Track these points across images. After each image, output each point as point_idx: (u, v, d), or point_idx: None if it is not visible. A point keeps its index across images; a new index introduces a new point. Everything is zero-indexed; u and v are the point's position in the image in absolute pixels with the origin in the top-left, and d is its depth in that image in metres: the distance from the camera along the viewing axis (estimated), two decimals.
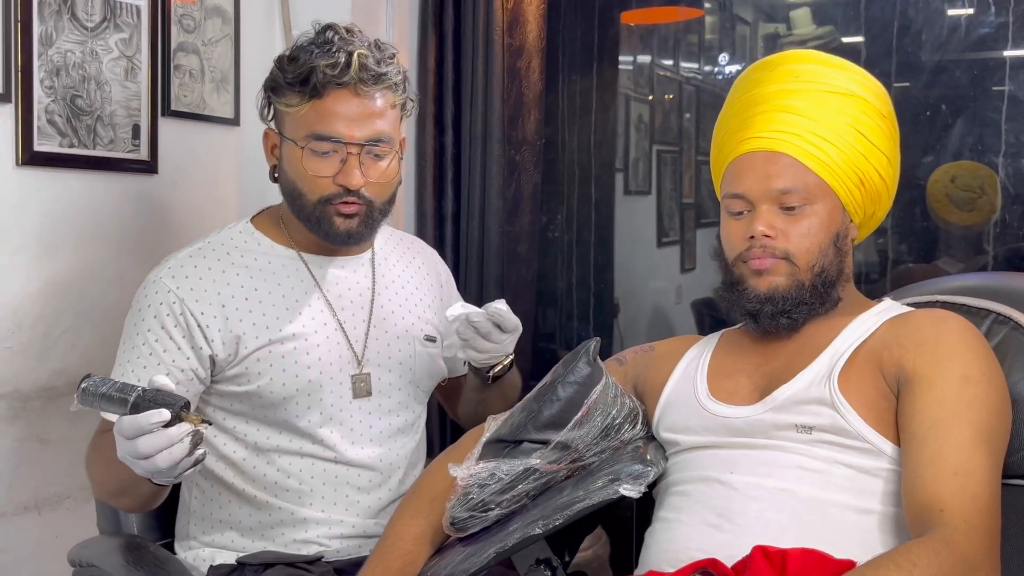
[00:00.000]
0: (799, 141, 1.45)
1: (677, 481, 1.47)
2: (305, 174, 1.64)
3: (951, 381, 1.32)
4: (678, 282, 3.34)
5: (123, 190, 2.16)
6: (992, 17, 2.34)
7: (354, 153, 1.62)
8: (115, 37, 2.11)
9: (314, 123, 1.62)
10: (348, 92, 1.61)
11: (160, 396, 1.32)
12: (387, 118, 1.65)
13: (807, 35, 3.08)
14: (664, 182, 3.22)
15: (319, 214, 1.66)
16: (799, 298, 1.45)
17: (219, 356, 1.65)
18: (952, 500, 1.22)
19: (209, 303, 1.65)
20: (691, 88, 3.29)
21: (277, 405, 1.67)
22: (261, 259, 1.73)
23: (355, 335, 1.73)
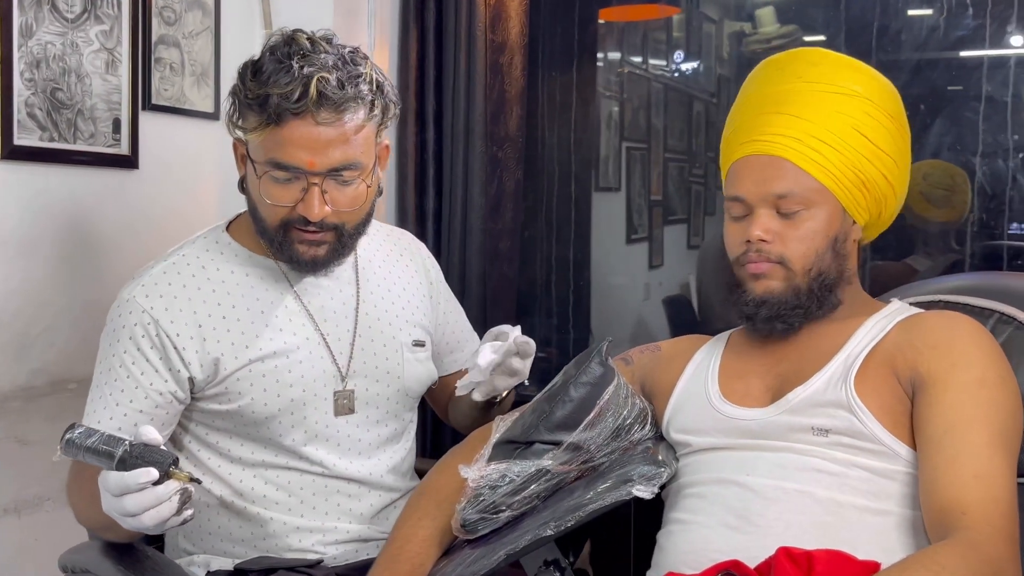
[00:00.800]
0: (798, 145, 1.45)
1: (692, 483, 1.47)
2: (262, 200, 1.54)
3: (966, 384, 1.33)
4: (646, 279, 3.36)
5: (104, 185, 2.11)
6: (970, 20, 2.38)
7: (316, 183, 1.51)
8: (96, 29, 2.07)
9: (272, 150, 1.50)
10: (307, 120, 1.47)
11: (148, 452, 1.27)
12: (354, 142, 1.51)
13: (771, 33, 3.11)
14: (633, 179, 3.23)
15: (281, 239, 1.57)
16: (794, 302, 1.46)
17: (198, 378, 1.58)
18: (974, 503, 1.23)
19: (185, 323, 1.57)
20: (659, 86, 3.31)
21: (260, 424, 1.61)
22: (238, 271, 1.64)
23: (339, 347, 1.67)
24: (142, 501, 1.26)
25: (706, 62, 3.33)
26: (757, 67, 1.61)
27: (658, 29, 3.29)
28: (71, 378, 2.08)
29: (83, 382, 2.09)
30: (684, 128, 3.36)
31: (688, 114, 3.40)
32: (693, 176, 3.37)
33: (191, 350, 1.57)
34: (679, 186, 3.41)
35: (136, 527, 1.30)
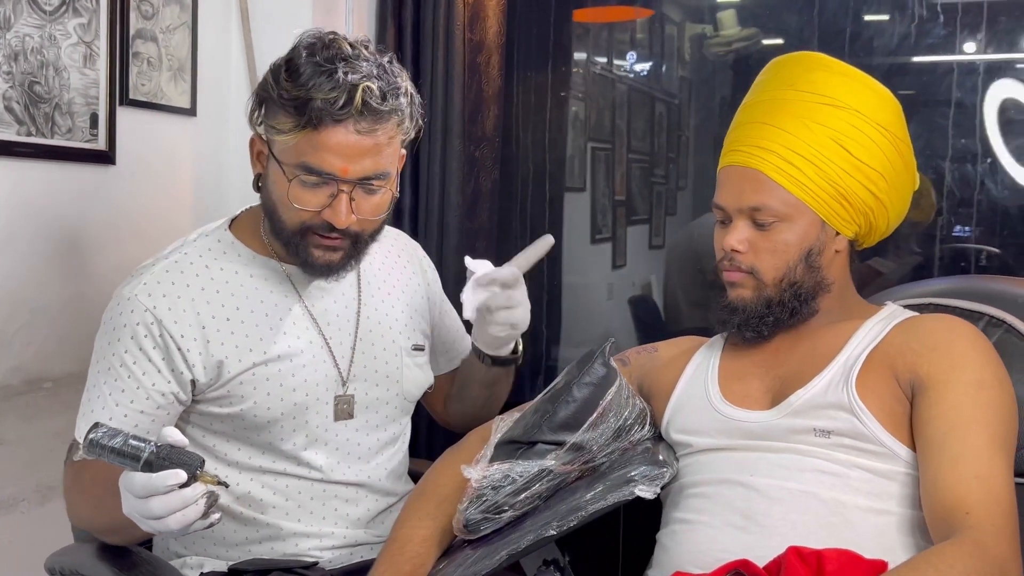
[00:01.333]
0: (774, 158, 1.47)
1: (694, 483, 1.49)
2: (287, 201, 1.51)
3: (965, 386, 1.35)
4: (610, 279, 3.39)
5: (80, 181, 2.08)
6: (940, 27, 2.43)
7: (345, 191, 1.49)
8: (74, 22, 2.03)
9: (305, 154, 1.48)
10: (347, 127, 1.46)
11: (175, 454, 1.25)
12: (386, 153, 1.52)
13: (732, 36, 3.15)
14: (598, 179, 3.25)
15: (297, 242, 1.55)
16: (763, 312, 1.50)
17: (200, 380, 1.56)
18: (976, 503, 1.26)
19: (189, 324, 1.55)
20: (623, 87, 3.34)
21: (261, 428, 1.60)
22: (242, 272, 1.62)
23: (341, 351, 1.66)
24: (169, 504, 1.24)
25: (668, 64, 3.36)
26: (766, 67, 1.61)
27: (623, 31, 3.32)
28: (47, 377, 2.05)
29: (59, 380, 2.06)
30: (647, 129, 3.39)
31: (651, 115, 3.43)
32: (655, 177, 3.41)
33: (195, 352, 1.55)
34: (641, 187, 3.44)
35: (159, 530, 1.27)
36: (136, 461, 1.24)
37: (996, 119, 2.47)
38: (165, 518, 1.25)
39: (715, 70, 3.20)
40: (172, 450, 1.25)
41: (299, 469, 1.63)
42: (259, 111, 1.55)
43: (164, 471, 1.23)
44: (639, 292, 3.41)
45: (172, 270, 1.59)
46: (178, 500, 1.24)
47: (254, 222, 1.67)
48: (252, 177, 2.37)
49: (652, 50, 3.37)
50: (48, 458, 2.03)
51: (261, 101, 1.54)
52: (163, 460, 1.24)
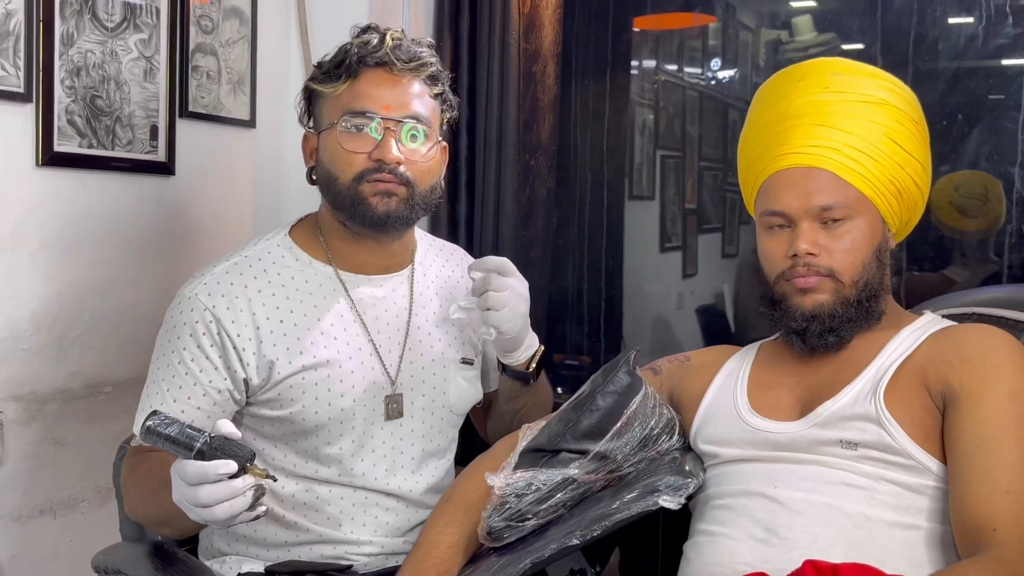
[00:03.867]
0: (837, 156, 1.44)
1: (719, 494, 1.47)
2: (340, 151, 1.61)
3: (999, 398, 1.31)
4: (680, 288, 3.35)
5: (140, 192, 2.14)
6: (1009, 28, 2.36)
7: (391, 128, 1.60)
8: (134, 37, 2.10)
9: (349, 101, 1.61)
10: (382, 71, 1.61)
11: (227, 445, 1.28)
12: (424, 102, 1.64)
13: (809, 41, 3.10)
14: (667, 187, 3.23)
15: (354, 195, 1.61)
16: (845, 315, 1.45)
17: (253, 381, 1.60)
18: (1005, 520, 1.22)
19: (245, 324, 1.60)
20: (694, 94, 3.30)
21: (310, 432, 1.63)
22: (298, 277, 1.67)
23: (389, 359, 1.69)
24: (218, 493, 1.27)
25: (742, 70, 3.32)
26: (769, 81, 1.60)
27: (694, 37, 3.29)
28: (107, 381, 2.11)
29: (119, 385, 2.13)
30: (719, 136, 3.35)
31: (723, 122, 3.38)
32: (728, 185, 3.36)
33: (249, 351, 1.59)
34: (713, 194, 3.40)
35: (207, 518, 1.30)
36: (189, 450, 1.27)
37: None
38: (212, 507, 1.28)
39: None
40: (225, 441, 1.28)
41: (342, 477, 1.66)
42: (308, 107, 1.70)
43: (216, 460, 1.27)
44: (715, 302, 3.38)
45: (232, 271, 1.65)
46: (227, 490, 1.27)
47: (312, 229, 1.73)
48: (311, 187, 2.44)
49: (726, 56, 3.34)
50: (107, 461, 2.08)
51: (308, 94, 1.70)
52: (215, 450, 1.27)
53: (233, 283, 1.63)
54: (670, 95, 3.19)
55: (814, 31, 3.10)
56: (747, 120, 1.60)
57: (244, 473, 1.28)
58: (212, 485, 1.27)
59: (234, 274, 1.64)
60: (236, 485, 1.28)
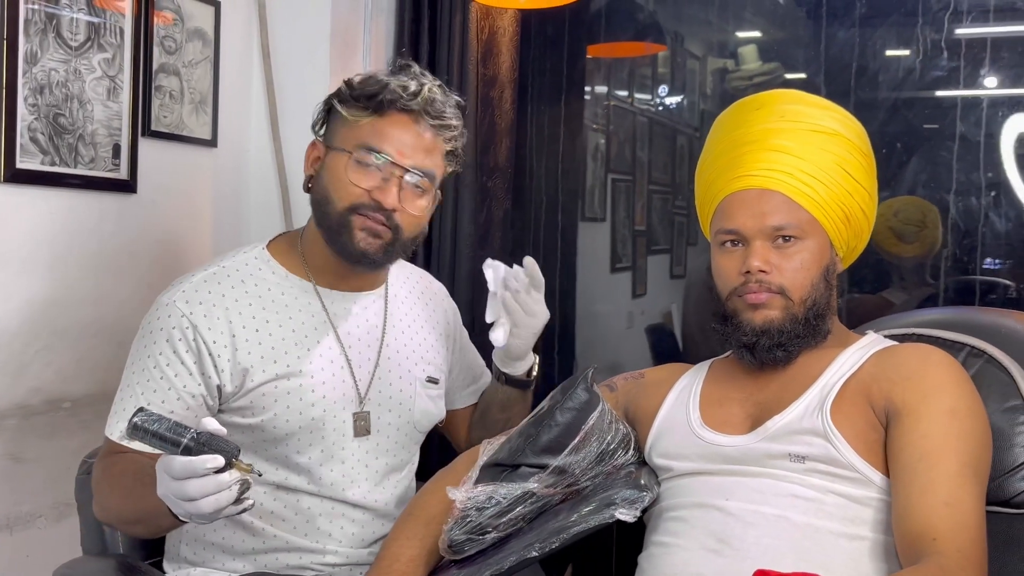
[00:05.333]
0: (790, 179, 1.52)
1: (673, 507, 1.52)
2: (344, 179, 1.64)
3: (938, 415, 1.38)
4: (630, 307, 3.43)
5: (102, 209, 2.16)
6: (944, 62, 2.46)
7: (397, 175, 1.64)
8: (98, 57, 2.12)
9: (368, 136, 1.64)
10: (409, 118, 1.65)
11: (214, 441, 1.31)
12: (436, 157, 1.68)
13: (754, 71, 3.19)
14: (618, 209, 3.30)
15: (343, 223, 1.65)
16: (793, 331, 1.51)
17: (226, 388, 1.64)
18: (944, 530, 1.28)
19: (221, 331, 1.64)
20: (644, 119, 3.39)
21: (279, 440, 1.67)
22: (275, 289, 1.71)
23: (360, 373, 1.73)
24: (204, 487, 1.29)
25: (690, 97, 3.41)
26: (728, 110, 1.67)
27: (644, 65, 3.38)
28: (66, 397, 2.12)
29: (78, 401, 2.14)
30: (668, 161, 3.44)
31: (672, 147, 3.48)
32: (676, 207, 3.45)
33: (224, 358, 1.63)
34: (662, 217, 3.48)
35: (192, 512, 1.32)
36: (176, 446, 1.30)
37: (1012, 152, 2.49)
38: (199, 500, 1.30)
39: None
40: (212, 437, 1.31)
41: (311, 486, 1.69)
42: (325, 116, 1.73)
43: (203, 455, 1.29)
44: (663, 321, 3.45)
45: (210, 280, 1.69)
46: (213, 484, 1.30)
47: (291, 243, 1.78)
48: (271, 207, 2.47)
49: (674, 84, 3.43)
50: (66, 476, 2.09)
51: (329, 106, 1.72)
52: (202, 446, 1.30)
53: (211, 291, 1.67)
54: (621, 120, 3.27)
55: (759, 61, 3.20)
56: (706, 145, 1.66)
57: (230, 468, 1.31)
58: (199, 479, 1.30)
59: (212, 283, 1.68)
60: (222, 479, 1.30)
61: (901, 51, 2.57)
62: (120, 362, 1.71)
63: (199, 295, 1.66)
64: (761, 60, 3.18)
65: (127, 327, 2.16)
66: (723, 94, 3.26)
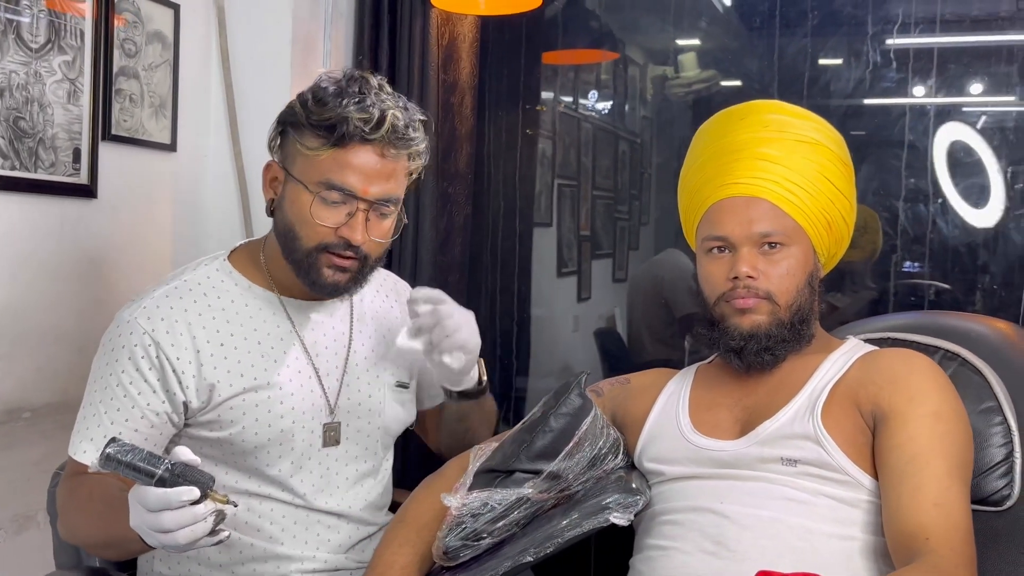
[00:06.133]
0: (777, 187, 1.55)
1: (667, 510, 1.54)
2: (309, 220, 1.58)
3: (924, 417, 1.43)
4: (575, 311, 3.47)
5: (62, 214, 2.12)
6: (893, 72, 2.54)
7: (363, 209, 1.58)
8: (59, 59, 2.08)
9: (330, 171, 1.56)
10: (372, 149, 1.56)
11: (188, 472, 1.29)
12: (400, 180, 1.63)
13: (692, 78, 3.26)
14: (564, 214, 3.34)
15: (311, 261, 1.61)
16: (779, 335, 1.55)
17: (192, 403, 1.61)
18: (936, 530, 1.33)
19: (184, 348, 1.60)
20: (588, 126, 3.43)
21: (248, 453, 1.64)
22: (238, 301, 1.68)
23: (329, 382, 1.71)
24: (180, 518, 1.28)
25: (631, 104, 3.46)
26: (712, 120, 1.70)
27: (588, 72, 3.42)
28: (25, 407, 2.07)
29: (38, 411, 2.09)
30: (611, 166, 3.48)
31: (615, 153, 3.52)
32: (619, 212, 3.50)
33: (188, 374, 1.60)
34: (605, 222, 3.53)
35: (166, 543, 1.30)
36: (150, 477, 1.27)
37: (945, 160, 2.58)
38: (174, 532, 1.28)
39: (676, 110, 3.31)
40: (186, 468, 1.29)
41: (283, 495, 1.67)
42: (278, 138, 1.64)
43: (179, 487, 1.27)
44: (604, 324, 3.50)
45: (172, 295, 1.64)
46: (189, 516, 1.28)
47: (252, 254, 1.73)
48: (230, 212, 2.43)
49: (616, 90, 3.47)
50: (26, 488, 2.06)
51: (283, 127, 1.63)
52: (177, 477, 1.28)
53: (173, 307, 1.63)
54: (567, 127, 3.30)
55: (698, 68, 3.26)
56: (689, 154, 1.69)
57: (205, 499, 1.30)
58: (175, 511, 1.28)
59: (174, 298, 1.64)
60: (198, 511, 1.29)
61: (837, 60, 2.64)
62: (81, 370, 1.68)
63: (160, 311, 1.62)
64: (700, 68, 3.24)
65: (88, 334, 2.13)
66: (663, 101, 3.32)
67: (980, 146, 2.63)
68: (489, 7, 2.46)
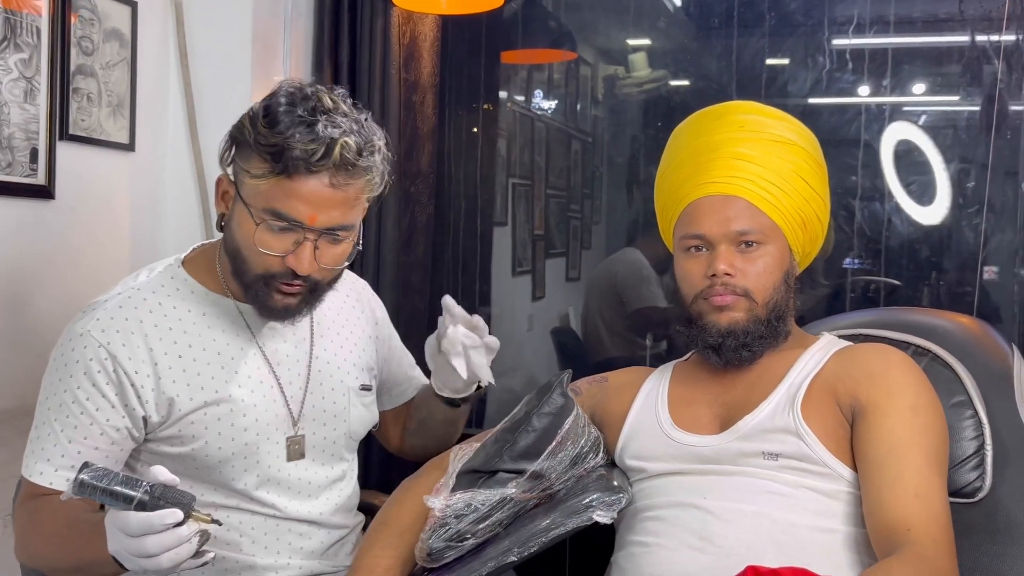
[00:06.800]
0: (753, 187, 1.57)
1: (649, 507, 1.55)
2: (254, 248, 1.51)
3: (902, 411, 1.45)
4: (530, 310, 3.47)
5: (20, 216, 2.07)
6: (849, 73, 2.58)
7: (311, 239, 1.50)
8: (15, 57, 2.03)
9: (275, 199, 1.48)
10: (320, 179, 1.47)
11: (169, 493, 1.26)
12: (355, 207, 1.54)
13: (643, 77, 3.28)
14: (518, 214, 3.34)
15: (259, 287, 1.55)
16: (756, 332, 1.57)
17: (152, 418, 1.56)
18: (917, 520, 1.35)
19: (142, 360, 1.55)
20: (541, 125, 3.44)
21: (212, 467, 1.60)
22: (195, 310, 1.62)
23: (291, 391, 1.67)
24: (164, 542, 1.25)
25: (583, 103, 3.48)
26: (688, 120, 1.71)
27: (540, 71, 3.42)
28: None
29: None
30: (564, 165, 3.50)
31: (567, 152, 3.54)
32: (571, 211, 3.51)
33: (147, 388, 1.55)
34: (559, 221, 3.55)
35: (149, 568, 1.28)
36: (129, 502, 1.24)
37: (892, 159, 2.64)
38: (158, 556, 1.26)
39: (627, 109, 3.33)
40: (166, 489, 1.26)
41: (252, 505, 1.65)
42: (230, 152, 1.55)
43: (161, 510, 1.24)
44: (559, 323, 3.51)
45: (125, 306, 1.59)
46: (173, 538, 1.25)
47: (208, 260, 1.67)
48: (189, 213, 2.39)
49: (568, 89, 3.48)
50: None
51: (234, 143, 1.55)
52: (157, 499, 1.24)
53: (128, 318, 1.57)
54: (520, 126, 3.31)
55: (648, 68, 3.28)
56: (665, 154, 1.70)
57: (187, 519, 1.27)
58: (158, 535, 1.26)
59: (128, 308, 1.58)
60: (182, 533, 1.26)
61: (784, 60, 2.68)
62: (39, 375, 1.62)
63: (115, 323, 1.56)
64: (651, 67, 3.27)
65: (47, 339, 2.07)
66: (614, 100, 3.35)
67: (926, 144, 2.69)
68: (451, 6, 2.45)
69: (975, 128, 2.56)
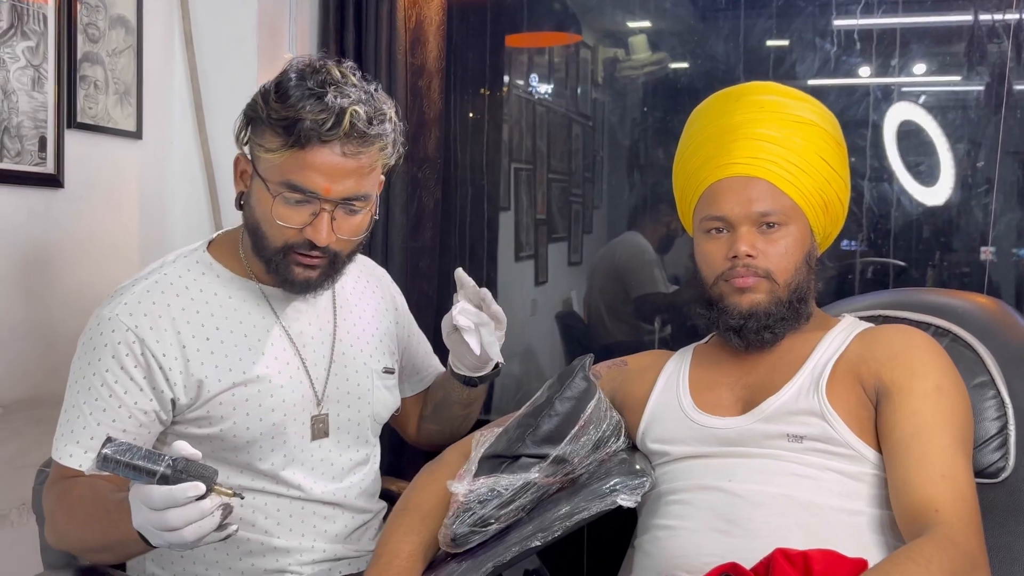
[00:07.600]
0: (775, 168, 1.56)
1: (673, 490, 1.55)
2: (272, 221, 1.54)
3: (927, 391, 1.45)
4: (533, 295, 3.47)
5: (29, 205, 2.05)
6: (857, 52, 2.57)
7: (327, 209, 1.53)
8: (22, 45, 2.01)
9: (290, 172, 1.51)
10: (332, 148, 1.50)
11: (191, 467, 1.26)
12: (369, 176, 1.56)
13: (644, 60, 3.27)
14: (521, 198, 3.33)
15: (279, 260, 1.58)
16: (778, 313, 1.56)
17: (180, 400, 1.57)
18: (944, 501, 1.35)
19: (170, 344, 1.56)
20: (542, 109, 3.42)
21: (240, 448, 1.61)
22: (221, 293, 1.64)
23: (316, 372, 1.68)
24: (187, 515, 1.25)
25: (583, 87, 3.46)
26: (707, 101, 1.70)
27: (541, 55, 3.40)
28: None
29: (9, 407, 2.04)
30: (565, 150, 3.48)
31: (568, 136, 3.52)
32: (573, 196, 3.50)
33: (176, 371, 1.56)
34: (561, 205, 3.53)
35: (173, 541, 1.28)
36: (152, 476, 1.25)
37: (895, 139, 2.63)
38: (181, 529, 1.26)
39: (628, 92, 3.31)
40: (188, 463, 1.26)
41: (278, 487, 1.65)
42: (246, 131, 1.58)
43: (183, 483, 1.25)
44: (562, 308, 3.51)
45: (153, 290, 1.60)
46: (196, 512, 1.26)
47: (232, 244, 1.69)
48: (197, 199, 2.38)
49: (568, 73, 3.46)
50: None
51: (248, 121, 1.57)
52: (180, 473, 1.25)
53: (155, 302, 1.59)
54: (522, 111, 3.29)
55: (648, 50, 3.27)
56: (685, 135, 1.69)
57: (210, 493, 1.27)
58: (181, 508, 1.26)
59: (155, 292, 1.60)
60: (204, 506, 1.27)
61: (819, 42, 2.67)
62: (52, 365, 1.63)
63: (143, 306, 1.57)
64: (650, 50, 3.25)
65: (59, 328, 2.08)
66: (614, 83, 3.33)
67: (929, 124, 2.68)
68: None
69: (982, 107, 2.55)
